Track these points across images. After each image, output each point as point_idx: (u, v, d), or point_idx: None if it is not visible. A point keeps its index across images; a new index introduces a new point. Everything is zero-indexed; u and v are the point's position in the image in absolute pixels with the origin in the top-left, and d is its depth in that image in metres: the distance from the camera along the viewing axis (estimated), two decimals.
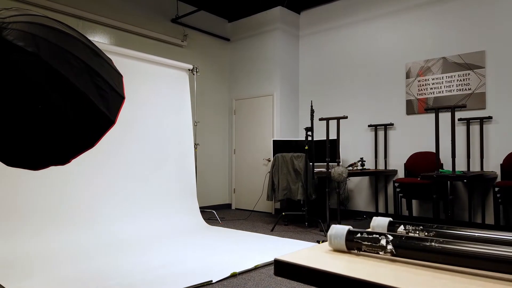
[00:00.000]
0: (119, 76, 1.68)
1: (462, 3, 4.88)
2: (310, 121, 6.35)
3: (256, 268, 3.14)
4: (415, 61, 5.25)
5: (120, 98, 1.63)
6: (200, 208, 5.30)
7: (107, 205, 4.20)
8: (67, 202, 3.93)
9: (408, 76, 5.29)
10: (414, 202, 5.15)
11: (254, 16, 6.54)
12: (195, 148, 5.33)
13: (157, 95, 4.80)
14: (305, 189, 4.80)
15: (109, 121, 1.55)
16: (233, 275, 2.94)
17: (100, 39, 5.12)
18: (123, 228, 4.21)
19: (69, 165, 4.01)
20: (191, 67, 5.26)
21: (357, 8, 5.86)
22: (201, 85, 6.37)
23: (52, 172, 3.86)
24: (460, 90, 4.85)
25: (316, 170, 5.12)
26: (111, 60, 1.66)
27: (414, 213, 5.15)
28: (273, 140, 5.74)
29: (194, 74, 5.33)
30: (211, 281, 2.76)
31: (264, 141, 6.31)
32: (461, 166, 4.80)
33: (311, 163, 4.82)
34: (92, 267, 3.07)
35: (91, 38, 4.92)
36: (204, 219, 5.11)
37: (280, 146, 5.68)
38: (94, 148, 2.06)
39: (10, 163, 1.58)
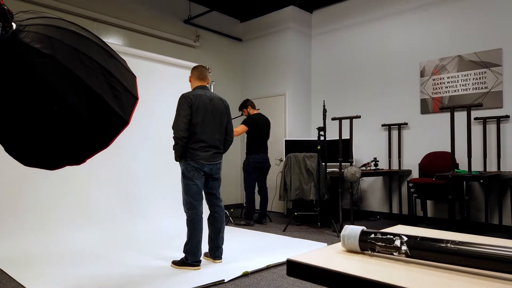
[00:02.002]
0: (133, 77, 1.70)
1: (478, 0, 4.78)
2: (322, 120, 6.32)
3: (268, 267, 3.13)
4: (429, 59, 5.17)
5: (134, 98, 1.65)
6: None
7: (119, 205, 4.25)
8: (78, 202, 4.00)
9: (422, 74, 5.22)
10: (429, 202, 5.08)
11: (266, 16, 6.54)
12: None
13: (170, 95, 4.83)
14: (317, 189, 4.78)
15: (123, 121, 1.57)
16: (245, 274, 2.94)
17: (114, 41, 5.18)
18: (136, 228, 4.25)
19: (81, 165, 4.07)
20: None
21: (370, 6, 5.81)
22: (213, 85, 6.39)
23: (65, 172, 3.92)
24: (476, 88, 4.76)
25: (328, 170, 5.09)
26: (124, 61, 1.68)
27: (429, 214, 5.07)
28: (285, 140, 5.73)
29: None
30: (224, 280, 2.76)
31: (276, 141, 6.30)
32: (477, 166, 4.71)
33: (323, 163, 4.80)
34: (104, 266, 3.12)
35: (105, 40, 4.98)
36: None
37: (292, 146, 5.66)
38: (107, 148, 2.11)
39: (27, 162, 1.61)
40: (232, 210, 5.77)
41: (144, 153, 4.55)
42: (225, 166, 6.59)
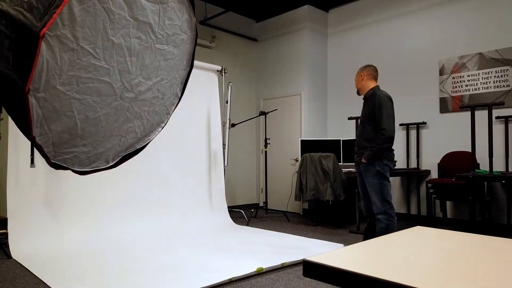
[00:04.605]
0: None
1: None
2: (341, 119, 6.28)
3: (283, 266, 3.13)
4: (449, 57, 5.06)
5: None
6: (228, 207, 5.34)
7: (136, 204, 4.32)
8: (97, 200, 4.07)
9: (441, 73, 5.11)
10: (448, 203, 4.97)
11: (281, 16, 6.52)
12: (223, 148, 5.38)
13: (187, 96, 4.87)
14: (333, 189, 4.75)
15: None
16: (260, 271, 2.94)
17: None
18: (153, 226, 4.31)
19: (111, 165, 4.14)
20: (219, 68, 5.32)
21: (387, 3, 5.73)
22: (230, 86, 6.42)
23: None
24: (497, 87, 4.64)
25: (345, 170, 5.05)
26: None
27: (449, 215, 4.97)
28: (301, 140, 5.70)
29: (222, 75, 5.38)
30: (238, 277, 2.77)
31: (292, 141, 6.28)
32: (499, 166, 4.59)
33: (339, 163, 4.76)
34: (120, 264, 3.16)
35: None
36: (232, 218, 5.15)
37: (308, 146, 5.63)
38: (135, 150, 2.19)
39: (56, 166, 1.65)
40: (252, 210, 5.78)
41: (161, 153, 4.60)
42: (240, 164, 6.62)
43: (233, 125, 5.48)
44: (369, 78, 3.20)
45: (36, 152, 3.45)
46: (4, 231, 3.55)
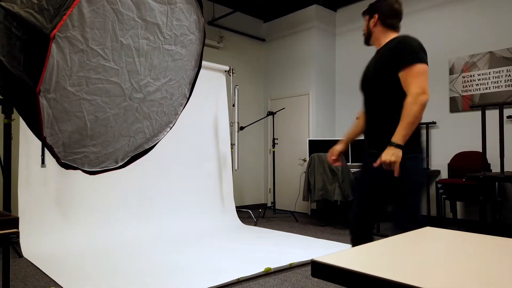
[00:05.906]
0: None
1: None
2: (349, 119, 6.24)
3: (291, 266, 3.12)
4: (459, 56, 5.00)
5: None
6: (236, 207, 5.35)
7: (145, 204, 4.34)
8: (107, 200, 4.11)
9: (451, 72, 5.05)
10: (458, 204, 4.92)
11: (289, 16, 6.51)
12: (231, 148, 5.39)
13: (195, 96, 4.89)
14: (342, 189, 4.72)
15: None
16: (268, 271, 2.94)
17: None
18: (161, 226, 4.33)
19: (121, 164, 4.16)
20: (227, 68, 5.32)
21: None
22: (237, 88, 6.42)
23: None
24: (508, 86, 4.57)
25: (353, 170, 5.02)
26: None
27: (459, 216, 4.91)
28: (309, 140, 5.69)
29: (230, 76, 5.39)
30: (246, 277, 2.77)
31: (300, 141, 6.26)
32: (510, 166, 4.53)
33: (348, 163, 4.73)
34: (129, 263, 3.19)
35: None
36: (239, 218, 5.15)
37: (316, 146, 5.61)
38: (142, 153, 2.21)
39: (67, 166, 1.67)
40: (260, 210, 5.78)
41: (169, 153, 4.62)
42: (248, 164, 6.62)
43: (241, 128, 5.48)
44: None
45: (46, 152, 3.49)
46: (15, 230, 3.60)
